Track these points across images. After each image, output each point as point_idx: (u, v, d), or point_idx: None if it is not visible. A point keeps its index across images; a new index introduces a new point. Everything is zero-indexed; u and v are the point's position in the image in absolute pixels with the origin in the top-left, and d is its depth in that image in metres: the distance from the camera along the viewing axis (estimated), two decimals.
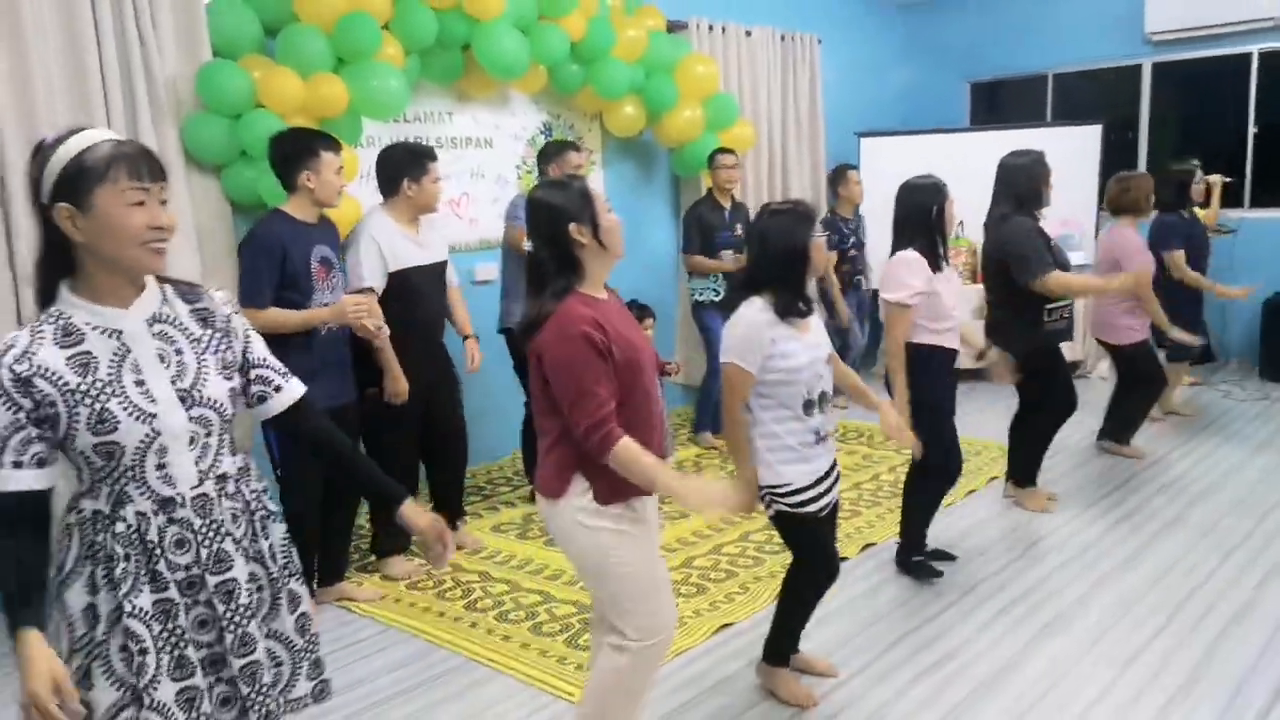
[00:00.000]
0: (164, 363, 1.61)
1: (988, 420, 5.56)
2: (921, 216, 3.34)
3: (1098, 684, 2.82)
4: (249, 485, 1.75)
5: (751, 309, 2.54)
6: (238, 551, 1.68)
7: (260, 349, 1.77)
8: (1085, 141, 6.70)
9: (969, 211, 4.57)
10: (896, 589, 3.53)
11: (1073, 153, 6.54)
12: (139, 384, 1.57)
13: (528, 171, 5.31)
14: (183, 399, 1.60)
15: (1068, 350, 4.46)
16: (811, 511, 2.61)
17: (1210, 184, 5.79)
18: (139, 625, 1.57)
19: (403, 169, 3.63)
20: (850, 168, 6.36)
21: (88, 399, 1.53)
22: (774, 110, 6.61)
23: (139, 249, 1.55)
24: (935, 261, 3.34)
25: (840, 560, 3.72)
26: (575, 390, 2.03)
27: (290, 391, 1.79)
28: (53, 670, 1.48)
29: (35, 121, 3.45)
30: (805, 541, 2.70)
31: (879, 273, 4.10)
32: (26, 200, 3.47)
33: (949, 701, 2.77)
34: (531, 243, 2.19)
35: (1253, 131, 6.82)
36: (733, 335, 2.54)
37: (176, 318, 1.66)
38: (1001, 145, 4.33)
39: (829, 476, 2.66)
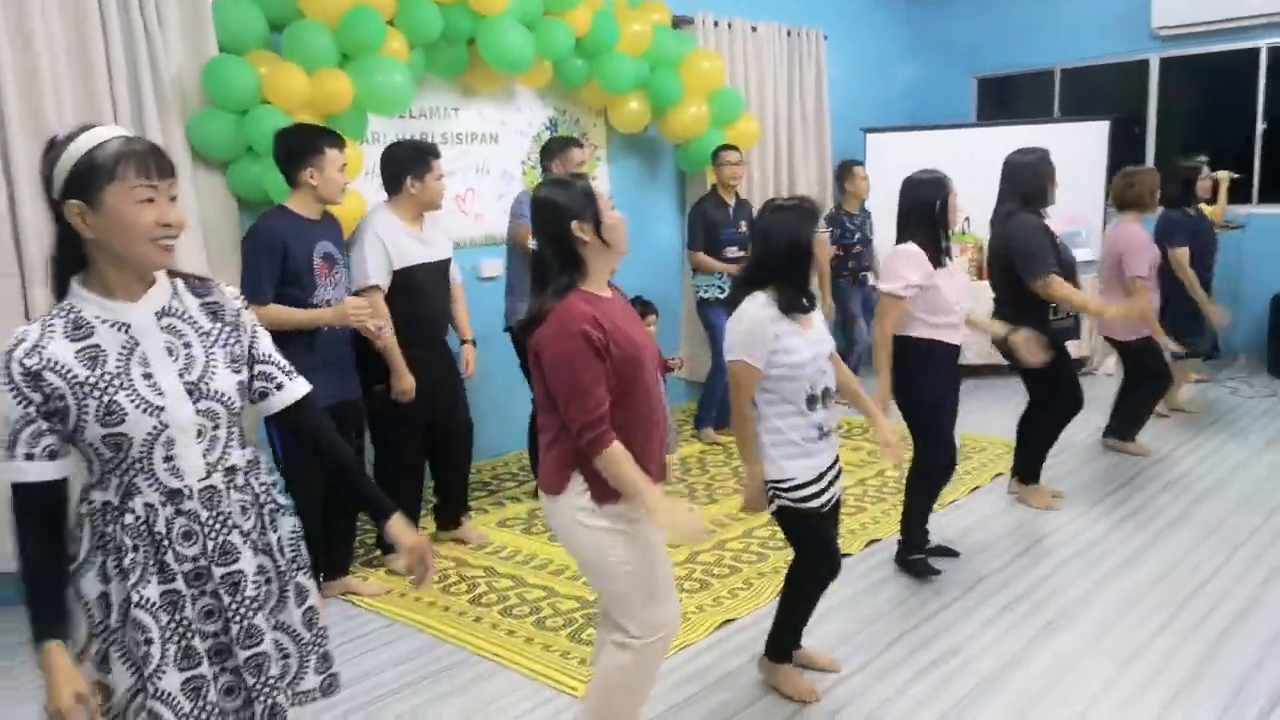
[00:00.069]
0: (172, 356, 1.62)
1: (993, 417, 5.56)
2: (924, 211, 3.34)
3: (1100, 680, 2.82)
4: (258, 478, 1.77)
5: (755, 304, 2.54)
6: (245, 544, 1.69)
7: (266, 345, 1.78)
8: (1093, 137, 6.68)
9: (976, 207, 4.56)
10: (899, 585, 3.53)
11: (1080, 148, 6.51)
12: (147, 377, 1.59)
13: (533, 167, 5.31)
14: (190, 392, 1.62)
15: (1074, 347, 4.45)
16: (814, 507, 2.62)
17: (1217, 180, 5.77)
18: (146, 616, 1.60)
19: (406, 167, 3.64)
20: (856, 163, 6.36)
21: (96, 391, 1.55)
22: (780, 106, 6.60)
23: (148, 245, 1.56)
24: (937, 256, 3.33)
25: (843, 556, 3.76)
26: (571, 388, 2.05)
27: (292, 390, 1.80)
28: (75, 687, 1.54)
29: (42, 118, 3.47)
30: (807, 537, 2.70)
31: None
32: (35, 199, 3.52)
33: (951, 697, 2.77)
34: (535, 240, 2.21)
35: (1261, 127, 6.79)
36: (736, 331, 2.55)
37: (186, 311, 1.67)
38: (1008, 141, 4.31)
39: (831, 471, 2.66)
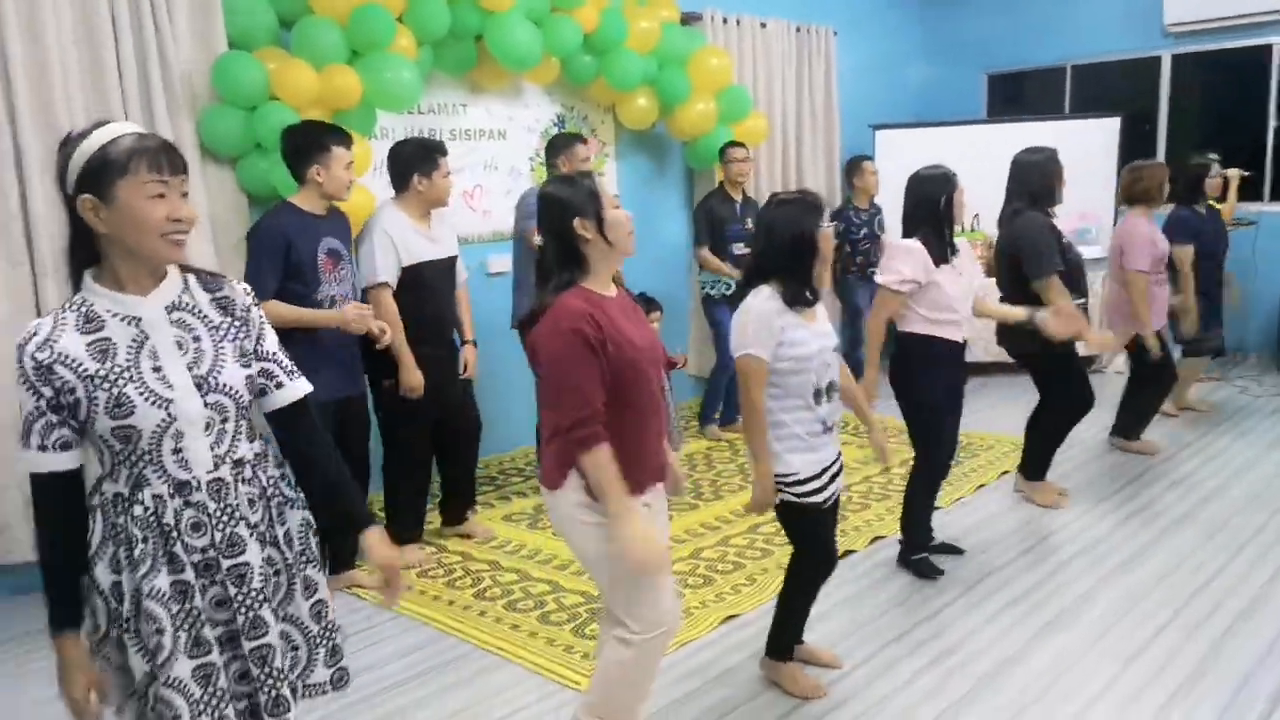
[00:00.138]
0: (181, 350, 1.64)
1: (1000, 415, 5.55)
2: (930, 207, 3.33)
3: (1102, 678, 2.82)
4: (266, 471, 1.78)
5: (759, 298, 2.54)
6: (252, 536, 1.71)
7: (271, 343, 1.79)
8: (1104, 134, 6.65)
9: (986, 204, 4.54)
10: (903, 582, 3.54)
11: (1091, 145, 6.50)
12: (156, 370, 1.61)
13: (540, 164, 5.32)
14: (199, 385, 1.64)
15: (1084, 346, 4.42)
16: (815, 503, 2.62)
17: (1227, 178, 5.73)
18: (156, 606, 1.62)
19: (413, 164, 3.65)
20: (865, 158, 6.36)
21: (106, 384, 1.57)
22: (789, 103, 6.60)
23: (159, 240, 1.58)
24: (941, 252, 3.32)
25: (847, 553, 3.77)
26: (561, 385, 2.06)
27: (292, 390, 1.80)
28: (87, 678, 1.65)
29: (53, 114, 3.50)
30: (807, 533, 2.71)
31: None
32: (46, 193, 3.56)
33: (953, 693, 2.77)
34: (541, 237, 2.22)
35: (1273, 124, 6.74)
36: (743, 325, 2.54)
37: (196, 305, 1.69)
38: (1019, 138, 4.29)
39: (834, 467, 2.67)
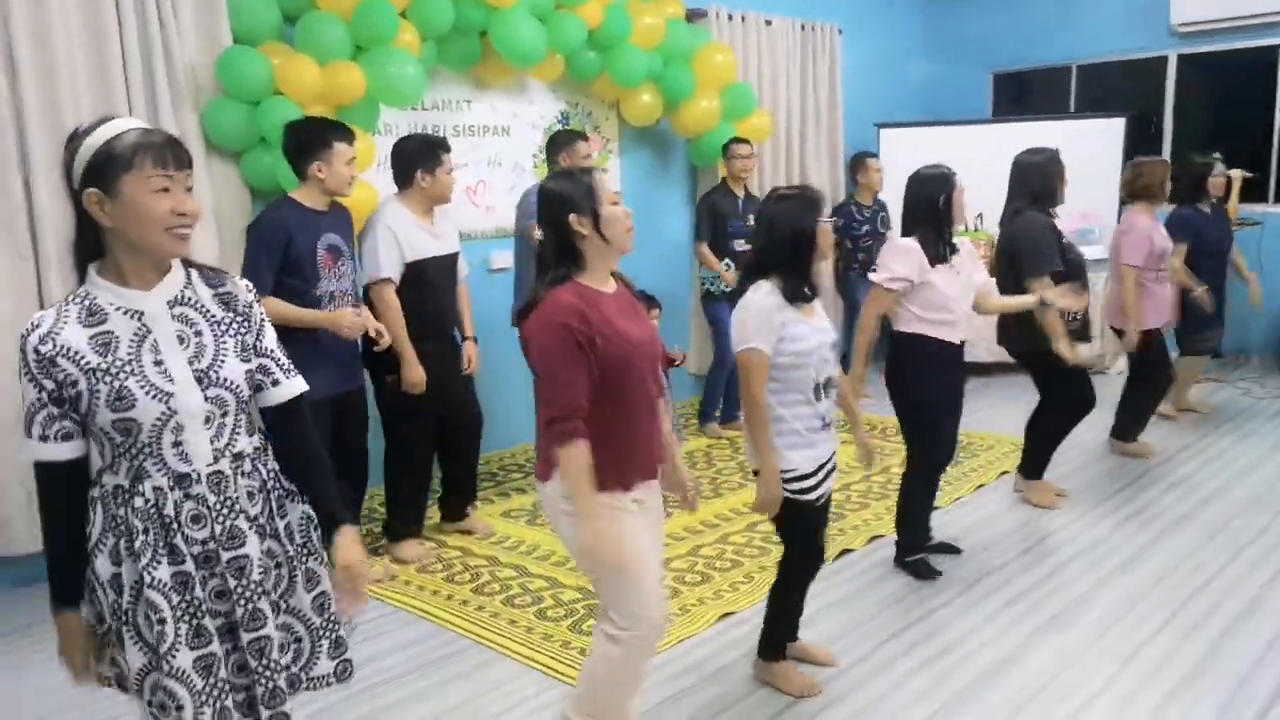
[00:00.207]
0: (183, 344, 1.65)
1: (1000, 415, 5.55)
2: (929, 206, 3.32)
3: (1100, 677, 2.82)
4: (266, 464, 1.79)
5: (759, 293, 2.54)
6: (252, 529, 1.72)
7: (270, 340, 1.80)
8: (1109, 134, 6.64)
9: (991, 204, 4.53)
10: (900, 581, 3.54)
11: (1096, 145, 6.48)
12: (157, 364, 1.62)
13: (543, 160, 5.32)
14: (199, 379, 1.65)
15: (1085, 349, 4.41)
16: (810, 500, 2.62)
17: (1230, 178, 5.72)
18: (158, 596, 1.63)
19: (416, 160, 3.66)
20: (870, 155, 6.36)
21: (108, 377, 1.59)
22: (793, 100, 6.59)
23: (163, 234, 1.60)
24: (938, 251, 3.32)
25: (845, 551, 3.78)
26: (547, 378, 2.08)
27: (288, 388, 1.81)
28: (87, 650, 1.73)
29: (58, 108, 3.51)
30: (800, 530, 2.71)
31: None
32: (51, 187, 3.56)
33: (949, 691, 2.78)
34: (541, 231, 2.23)
35: (1279, 125, 6.73)
36: (743, 321, 2.54)
37: (199, 300, 1.70)
38: (1024, 137, 4.28)
39: (829, 464, 2.67)
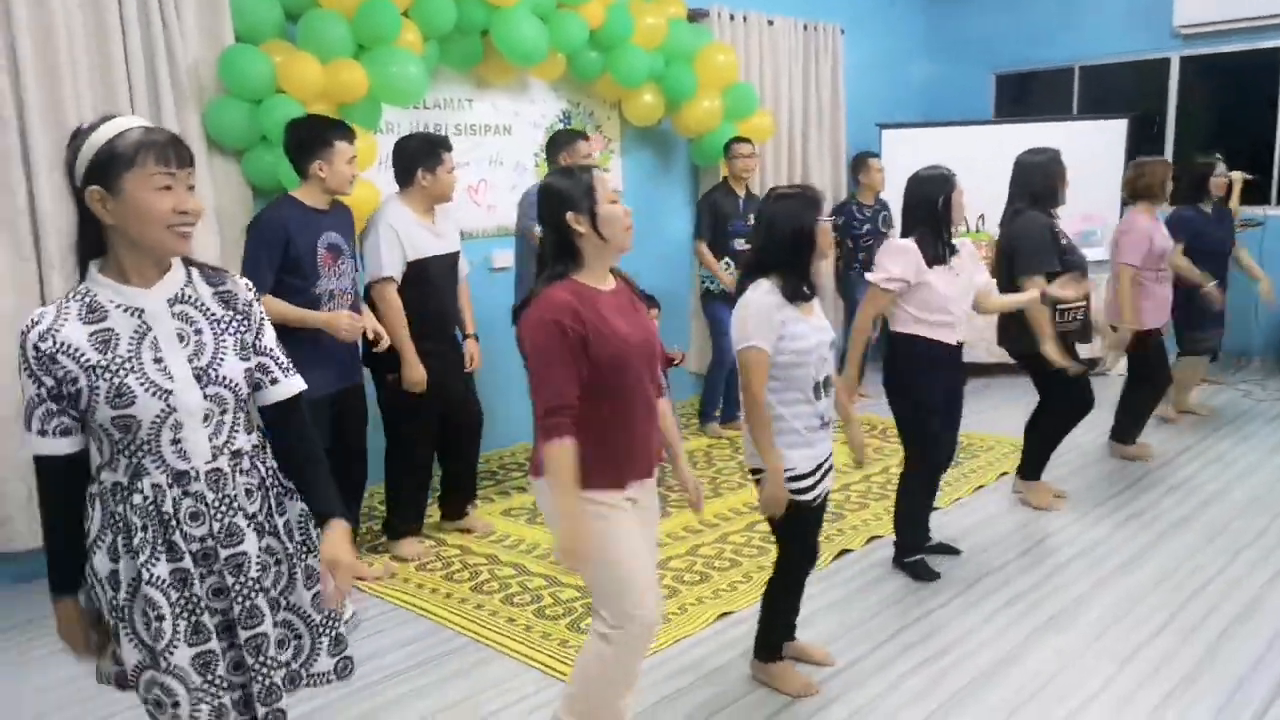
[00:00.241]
0: (183, 341, 1.66)
1: (1001, 416, 5.55)
2: (928, 207, 3.32)
3: (1098, 678, 2.82)
4: (265, 461, 1.80)
5: (759, 292, 2.54)
6: (250, 526, 1.72)
7: (270, 339, 1.81)
8: (1111, 135, 6.64)
9: (993, 205, 4.53)
10: (898, 582, 3.54)
11: (1098, 146, 6.48)
12: (157, 361, 1.63)
13: (544, 160, 5.33)
14: (199, 377, 1.65)
15: (1085, 348, 4.41)
16: (807, 500, 2.62)
17: (1231, 179, 5.71)
18: (156, 593, 1.64)
19: (418, 159, 3.66)
20: (871, 155, 6.36)
21: (107, 374, 1.59)
22: (795, 100, 6.60)
23: (165, 232, 1.60)
24: (937, 252, 3.32)
25: (844, 552, 3.78)
26: (537, 374, 2.09)
27: (286, 386, 1.81)
28: (85, 632, 1.75)
29: (61, 106, 3.52)
30: (796, 531, 2.70)
31: None
32: (53, 187, 3.57)
33: (947, 691, 2.78)
34: (541, 229, 2.24)
35: None
36: (743, 320, 2.54)
37: (199, 298, 1.71)
38: (1026, 138, 4.28)
39: (826, 463, 2.67)
